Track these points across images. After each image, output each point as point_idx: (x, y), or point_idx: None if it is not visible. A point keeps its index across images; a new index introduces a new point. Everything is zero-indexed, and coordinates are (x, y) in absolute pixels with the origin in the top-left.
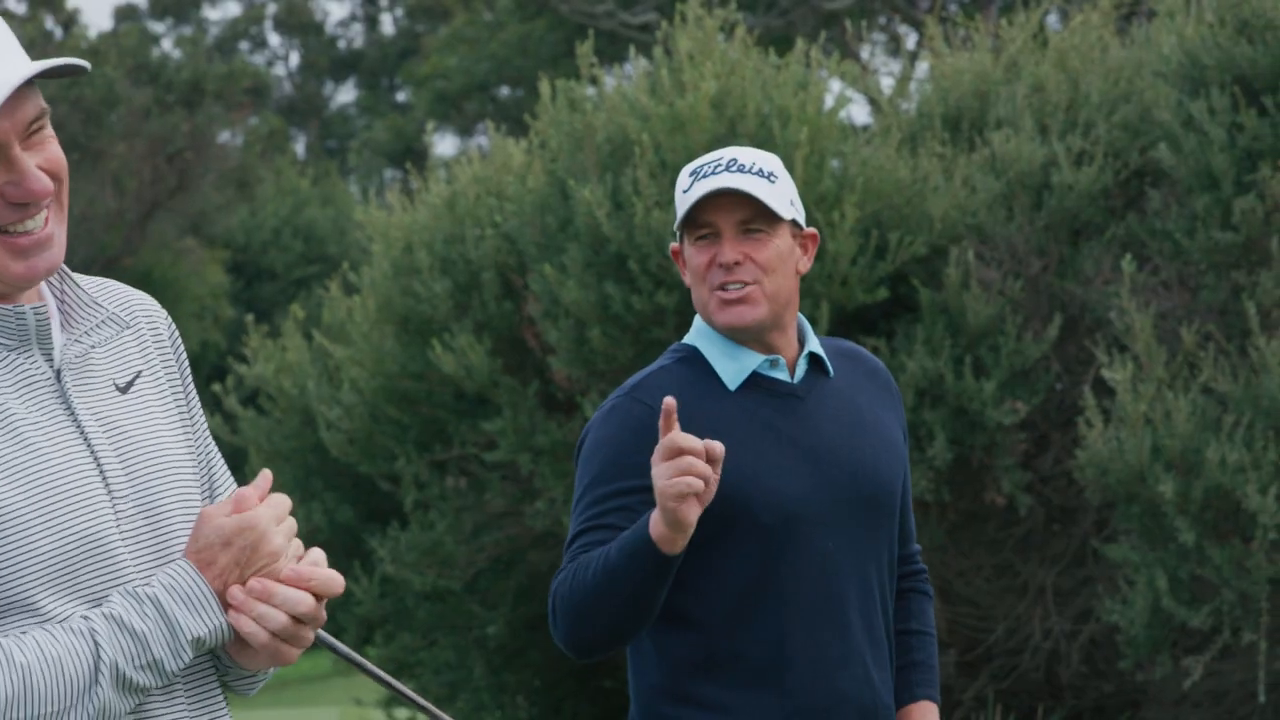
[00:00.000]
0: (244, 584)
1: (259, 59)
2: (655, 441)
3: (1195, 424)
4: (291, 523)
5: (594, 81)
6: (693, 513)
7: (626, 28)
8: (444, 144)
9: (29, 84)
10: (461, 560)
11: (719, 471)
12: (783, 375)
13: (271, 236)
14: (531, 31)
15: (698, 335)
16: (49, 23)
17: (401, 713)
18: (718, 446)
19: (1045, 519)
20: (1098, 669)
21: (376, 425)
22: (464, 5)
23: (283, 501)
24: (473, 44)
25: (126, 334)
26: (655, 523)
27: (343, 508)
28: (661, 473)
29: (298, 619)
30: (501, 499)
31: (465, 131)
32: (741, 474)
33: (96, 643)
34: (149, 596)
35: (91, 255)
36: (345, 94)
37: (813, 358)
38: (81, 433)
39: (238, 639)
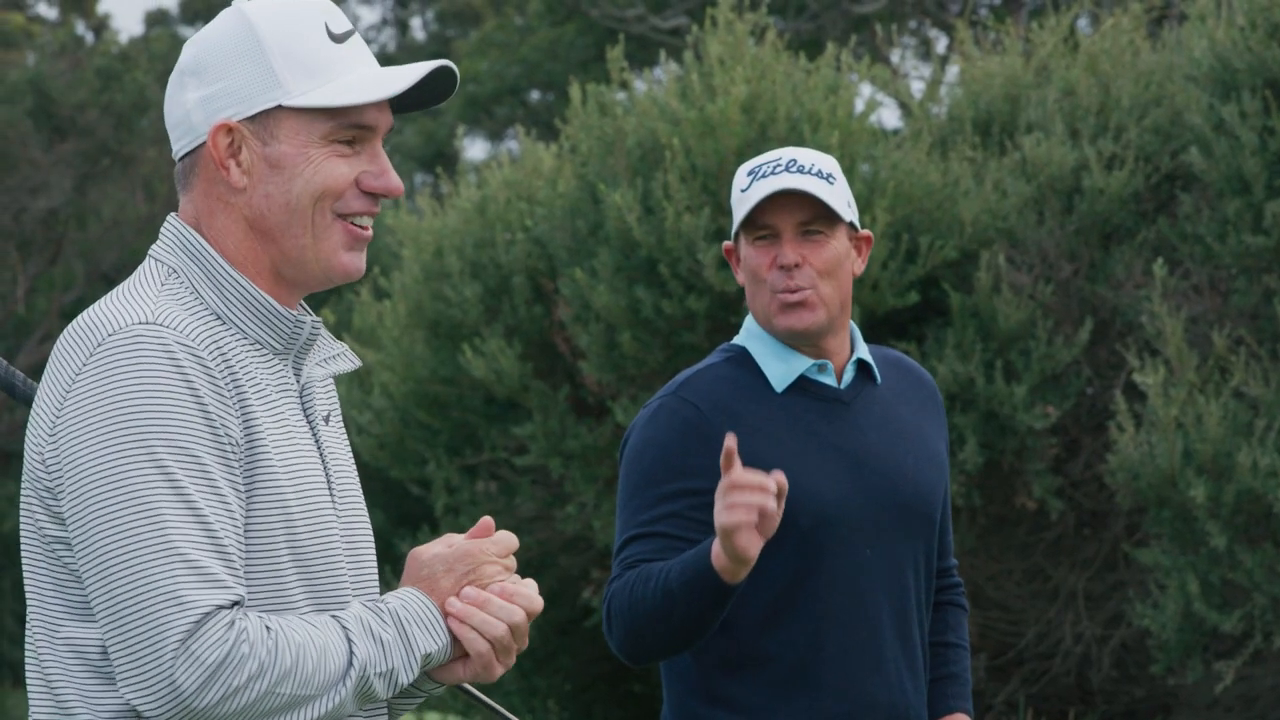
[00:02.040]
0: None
1: None
2: (702, 441)
3: (1226, 428)
4: (513, 561)
5: (624, 86)
6: (753, 545)
7: (657, 32)
8: (474, 148)
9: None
10: None
11: (783, 504)
12: (830, 380)
13: None
14: (562, 36)
15: (748, 336)
16: (80, 27)
17: None
18: (782, 478)
19: (1076, 523)
20: (1129, 674)
21: (407, 430)
22: (494, 10)
23: (508, 539)
24: (503, 48)
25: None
26: (718, 554)
27: (374, 512)
28: (718, 509)
29: (511, 631)
30: (532, 503)
31: (495, 136)
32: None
33: (350, 641)
34: (389, 609)
35: (123, 260)
36: None
37: (861, 364)
38: (319, 450)
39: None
